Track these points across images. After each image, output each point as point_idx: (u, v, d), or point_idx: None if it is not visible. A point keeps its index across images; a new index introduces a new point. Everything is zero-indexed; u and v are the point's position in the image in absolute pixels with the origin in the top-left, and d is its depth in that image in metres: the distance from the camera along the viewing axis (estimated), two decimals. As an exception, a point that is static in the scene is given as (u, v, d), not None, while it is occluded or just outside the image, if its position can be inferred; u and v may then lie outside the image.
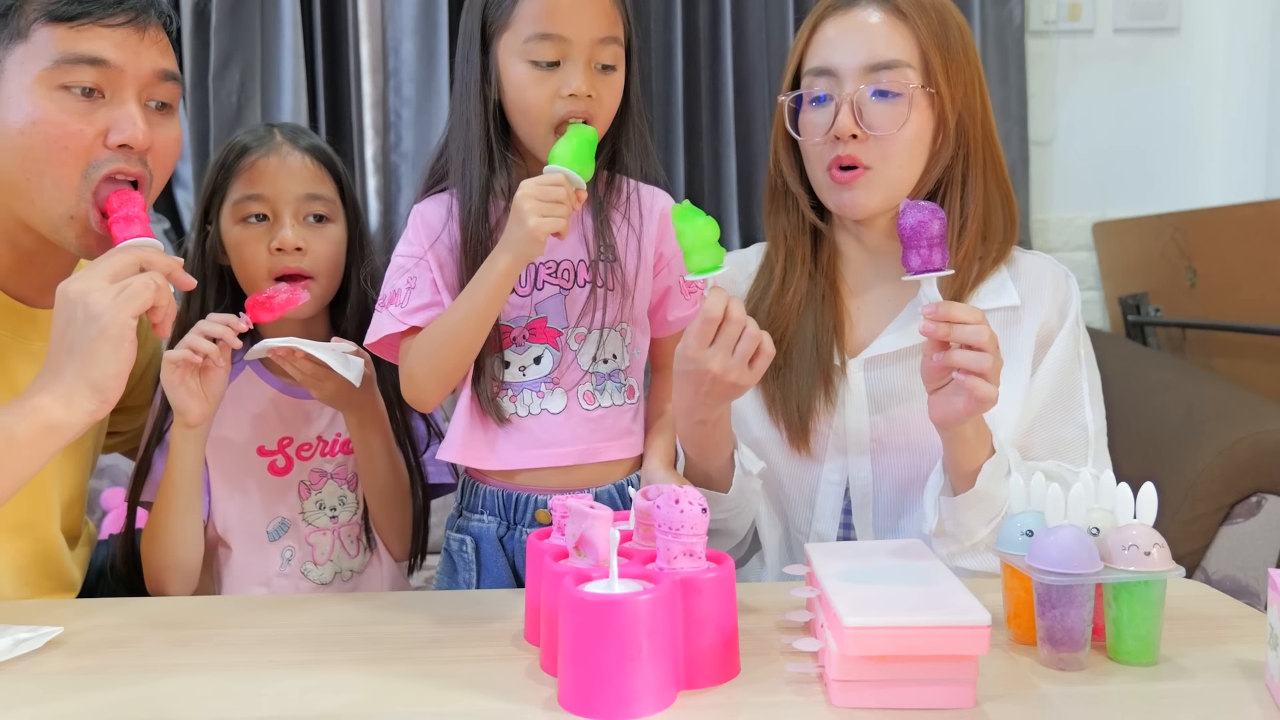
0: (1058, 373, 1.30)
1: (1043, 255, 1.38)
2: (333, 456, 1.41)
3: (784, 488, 1.36)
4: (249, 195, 1.34)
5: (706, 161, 2.43)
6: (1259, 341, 2.11)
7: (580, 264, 1.27)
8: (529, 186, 1.13)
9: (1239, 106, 2.62)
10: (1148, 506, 0.95)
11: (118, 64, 1.15)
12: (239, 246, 1.34)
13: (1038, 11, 2.59)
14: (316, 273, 1.35)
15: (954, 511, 1.19)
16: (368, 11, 2.35)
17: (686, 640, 0.88)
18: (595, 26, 1.19)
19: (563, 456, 1.27)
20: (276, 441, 1.39)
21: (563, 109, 1.19)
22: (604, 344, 1.27)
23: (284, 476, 1.39)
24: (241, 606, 1.16)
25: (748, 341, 1.11)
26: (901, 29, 1.26)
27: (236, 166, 1.35)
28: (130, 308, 1.07)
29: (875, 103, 1.25)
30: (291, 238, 1.32)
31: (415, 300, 1.24)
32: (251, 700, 0.90)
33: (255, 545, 1.37)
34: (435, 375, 1.21)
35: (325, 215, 1.36)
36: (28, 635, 1.00)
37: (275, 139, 1.37)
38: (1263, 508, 1.66)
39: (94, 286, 1.07)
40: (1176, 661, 0.93)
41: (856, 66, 1.25)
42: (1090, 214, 2.63)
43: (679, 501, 0.91)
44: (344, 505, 1.40)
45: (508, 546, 1.30)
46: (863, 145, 1.25)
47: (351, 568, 1.41)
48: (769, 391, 1.32)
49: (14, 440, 1.05)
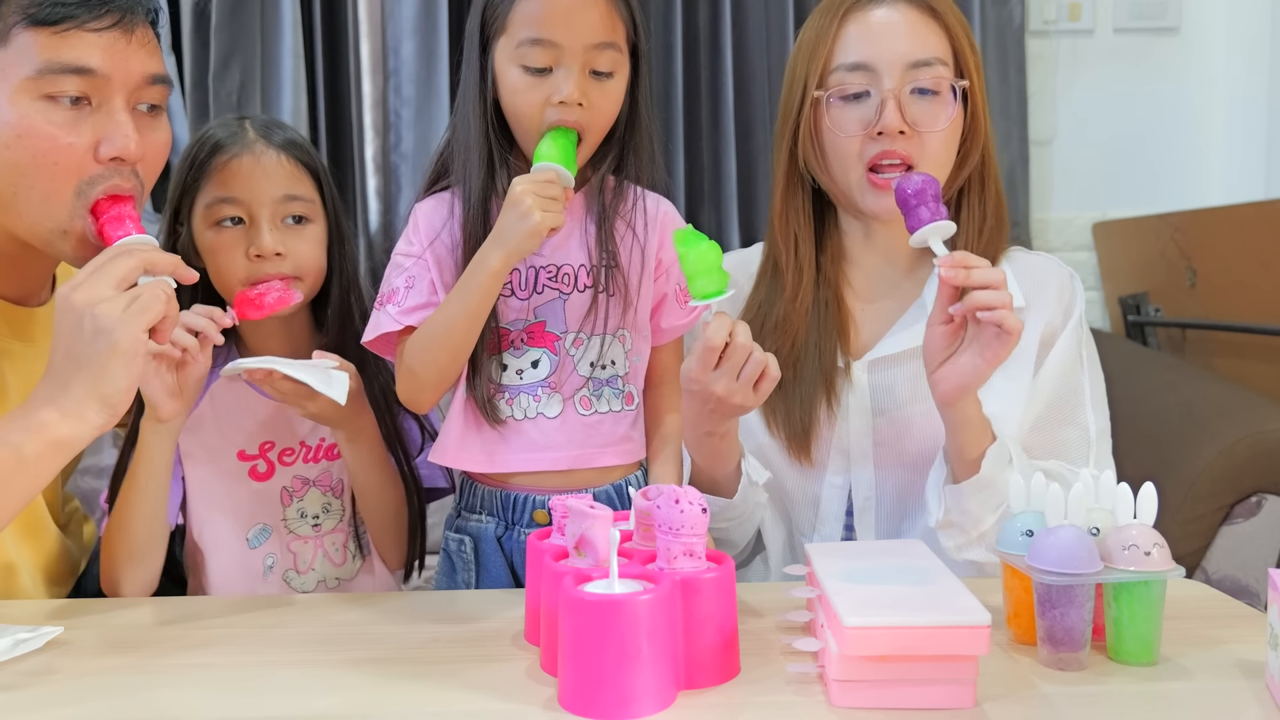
0: (1060, 374, 1.29)
1: (1047, 255, 1.38)
2: (316, 463, 1.36)
3: (787, 492, 1.36)
4: (222, 198, 1.27)
5: (706, 161, 2.43)
6: (1259, 341, 2.11)
7: (581, 269, 1.27)
8: (525, 183, 1.13)
9: (1239, 106, 2.62)
10: (1148, 506, 0.95)
11: (105, 71, 1.10)
12: (213, 252, 1.28)
13: (1038, 11, 2.59)
14: (299, 275, 1.29)
15: (959, 500, 1.18)
16: (368, 11, 2.34)
17: (686, 640, 0.88)
18: (590, 32, 1.18)
19: (558, 461, 1.27)
20: (258, 446, 1.34)
21: (553, 116, 1.19)
22: (605, 350, 1.27)
23: (265, 482, 1.34)
24: (241, 607, 1.16)
25: (753, 366, 1.12)
26: (935, 26, 1.27)
27: (209, 165, 1.28)
28: (142, 321, 1.02)
29: (917, 99, 1.25)
30: (270, 244, 1.25)
31: (412, 299, 1.24)
32: (251, 700, 0.90)
33: (235, 552, 1.33)
34: (430, 374, 1.21)
35: (304, 215, 1.30)
36: (28, 635, 1.00)
37: (248, 135, 1.29)
38: (1263, 508, 1.66)
39: (101, 296, 1.02)
40: (1176, 661, 0.93)
41: (897, 62, 1.25)
42: (1090, 214, 2.63)
43: (679, 501, 0.91)
44: (328, 513, 1.36)
45: (505, 547, 1.30)
46: (909, 142, 1.25)
47: (338, 576, 1.37)
48: (771, 404, 1.31)
49: (23, 458, 1.02)
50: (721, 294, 1.12)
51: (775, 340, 1.31)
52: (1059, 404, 1.29)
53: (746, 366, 1.11)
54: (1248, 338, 2.14)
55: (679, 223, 1.31)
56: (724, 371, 1.12)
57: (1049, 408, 1.29)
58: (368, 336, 1.25)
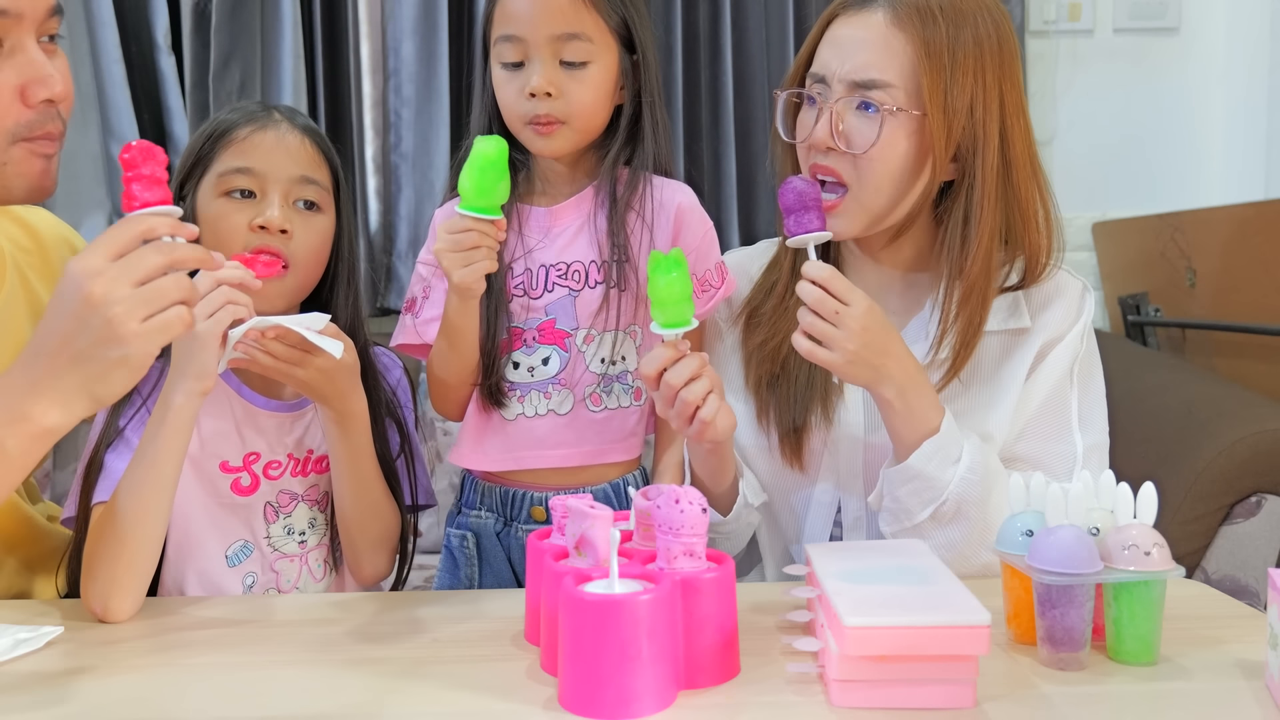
0: (1052, 385, 1.26)
1: (1064, 270, 1.31)
2: (304, 476, 1.28)
3: (773, 502, 1.34)
4: (238, 168, 1.21)
5: (706, 161, 2.43)
6: (1259, 341, 2.11)
7: (591, 265, 1.27)
8: (441, 242, 1.15)
9: (1239, 106, 2.61)
10: (1148, 506, 0.95)
11: (16, 10, 1.03)
12: (216, 219, 1.20)
13: (1038, 11, 2.59)
14: (295, 262, 1.21)
15: (889, 485, 1.18)
16: (368, 11, 2.35)
17: (686, 640, 0.88)
18: (551, 23, 1.20)
19: (569, 457, 1.28)
20: (241, 457, 1.25)
21: (529, 108, 1.22)
22: (617, 347, 1.27)
23: (248, 496, 1.25)
24: (241, 606, 1.16)
25: (680, 406, 1.12)
26: (897, 44, 1.18)
27: (229, 137, 1.22)
28: (160, 340, 0.95)
29: (857, 116, 1.19)
30: (278, 218, 1.19)
31: (428, 311, 1.28)
32: (251, 700, 0.90)
33: (211, 570, 1.24)
34: (444, 389, 1.29)
35: (316, 203, 1.24)
36: (28, 635, 1.00)
37: (273, 115, 1.25)
38: (1263, 508, 1.66)
39: (119, 295, 0.93)
40: (1176, 661, 0.93)
41: (844, 77, 1.19)
42: (1090, 214, 2.63)
43: (679, 501, 0.91)
44: (313, 529, 1.28)
45: (504, 542, 1.31)
46: (840, 160, 1.20)
47: (318, 591, 1.29)
48: (762, 399, 1.30)
49: (6, 453, 0.98)
50: (685, 326, 1.11)
51: (772, 328, 1.29)
52: (1048, 415, 1.26)
53: (675, 405, 1.12)
54: (1247, 338, 2.13)
55: (699, 212, 1.31)
56: (660, 399, 1.13)
57: (1037, 418, 1.26)
58: (394, 342, 1.32)
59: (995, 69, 1.20)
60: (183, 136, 2.26)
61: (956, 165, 1.23)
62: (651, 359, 1.12)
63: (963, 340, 1.23)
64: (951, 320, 1.23)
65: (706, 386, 1.11)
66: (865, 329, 1.11)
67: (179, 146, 2.26)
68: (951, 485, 1.15)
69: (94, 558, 1.09)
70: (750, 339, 1.32)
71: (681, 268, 1.11)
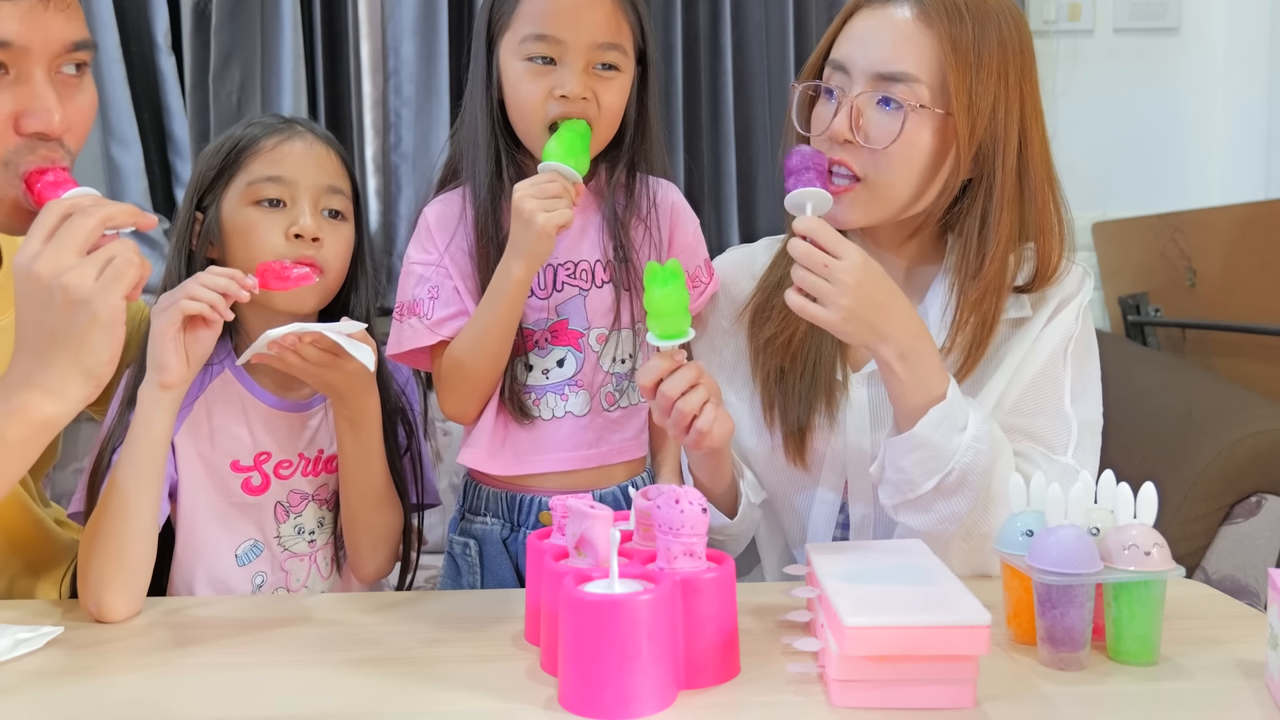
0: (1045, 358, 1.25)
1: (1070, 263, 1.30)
2: (315, 476, 1.29)
3: (776, 503, 1.34)
4: (269, 176, 1.22)
5: (706, 161, 2.42)
6: (1259, 341, 2.11)
7: (598, 264, 1.27)
8: (524, 188, 1.13)
9: (1238, 106, 2.62)
10: (1148, 506, 0.95)
11: (22, 43, 1.03)
12: (249, 228, 1.22)
13: (1038, 11, 2.59)
14: (326, 269, 1.23)
15: (893, 455, 1.14)
16: (368, 11, 2.34)
17: (686, 640, 0.88)
18: (595, 32, 1.19)
19: (588, 459, 1.28)
20: (253, 456, 1.25)
21: (556, 109, 1.20)
22: (622, 344, 1.28)
23: (259, 496, 1.26)
24: (242, 606, 1.16)
25: (676, 416, 1.11)
26: (924, 40, 1.16)
27: (254, 148, 1.24)
28: (119, 289, 0.98)
29: (878, 111, 1.17)
30: (312, 225, 1.21)
31: (440, 311, 1.24)
32: (251, 700, 0.90)
33: (221, 570, 1.25)
34: (469, 387, 1.24)
35: (340, 212, 1.26)
36: (28, 635, 1.00)
37: (295, 127, 1.27)
38: (1263, 508, 1.66)
39: (66, 264, 0.96)
40: (1176, 661, 0.93)
41: (868, 69, 1.18)
42: (1090, 214, 2.63)
43: (679, 501, 0.91)
44: (322, 528, 1.30)
45: (511, 548, 1.30)
46: (856, 153, 1.18)
47: (324, 590, 1.31)
48: (768, 395, 1.29)
49: (5, 442, 0.99)
50: (681, 338, 1.11)
51: (782, 322, 1.28)
52: (1041, 388, 1.24)
53: (671, 414, 1.11)
54: (1247, 338, 2.14)
55: (687, 210, 1.33)
56: (656, 407, 1.13)
57: (1030, 390, 1.24)
58: (393, 350, 1.26)
59: (1017, 70, 1.20)
60: (183, 136, 2.25)
61: (974, 165, 1.22)
62: (648, 369, 1.11)
63: (975, 340, 1.22)
64: (964, 322, 1.22)
65: (703, 396, 1.11)
66: (859, 284, 1.07)
67: (179, 147, 2.26)
68: (958, 454, 1.11)
69: (85, 557, 1.11)
70: (759, 334, 1.31)
71: (679, 279, 1.10)
